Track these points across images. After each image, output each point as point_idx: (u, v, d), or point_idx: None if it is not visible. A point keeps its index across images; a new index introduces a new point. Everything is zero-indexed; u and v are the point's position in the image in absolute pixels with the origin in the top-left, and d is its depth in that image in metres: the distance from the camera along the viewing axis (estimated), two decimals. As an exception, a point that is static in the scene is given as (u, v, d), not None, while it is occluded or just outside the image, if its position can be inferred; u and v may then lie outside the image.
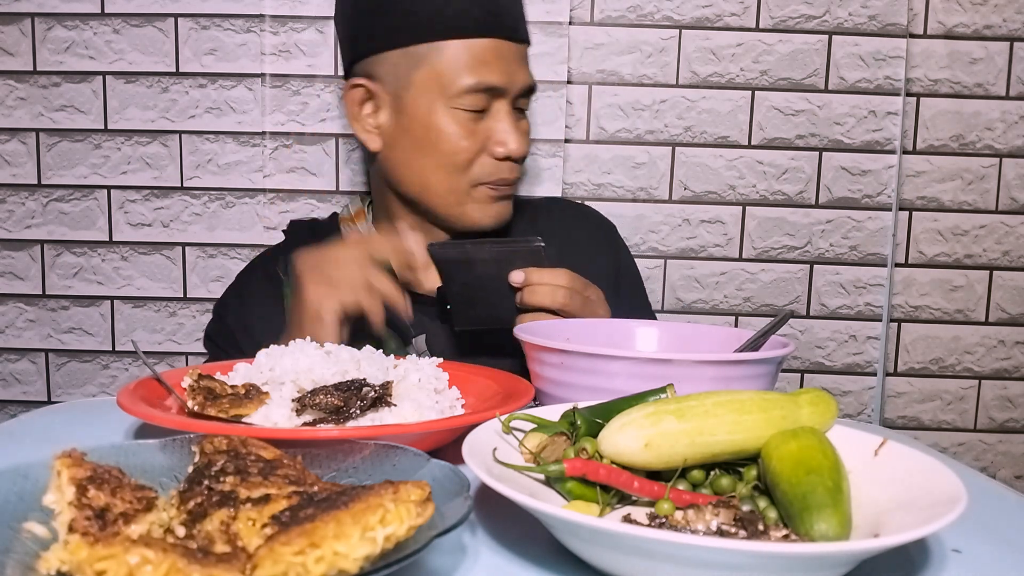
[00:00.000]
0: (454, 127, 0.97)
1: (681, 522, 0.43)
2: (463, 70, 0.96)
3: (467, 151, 0.98)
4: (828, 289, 1.43)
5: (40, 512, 0.40)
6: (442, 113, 0.98)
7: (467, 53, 0.96)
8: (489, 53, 0.96)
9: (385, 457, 0.48)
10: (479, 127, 0.98)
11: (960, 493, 0.41)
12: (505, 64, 0.97)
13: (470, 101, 0.97)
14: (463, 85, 0.96)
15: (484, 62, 0.96)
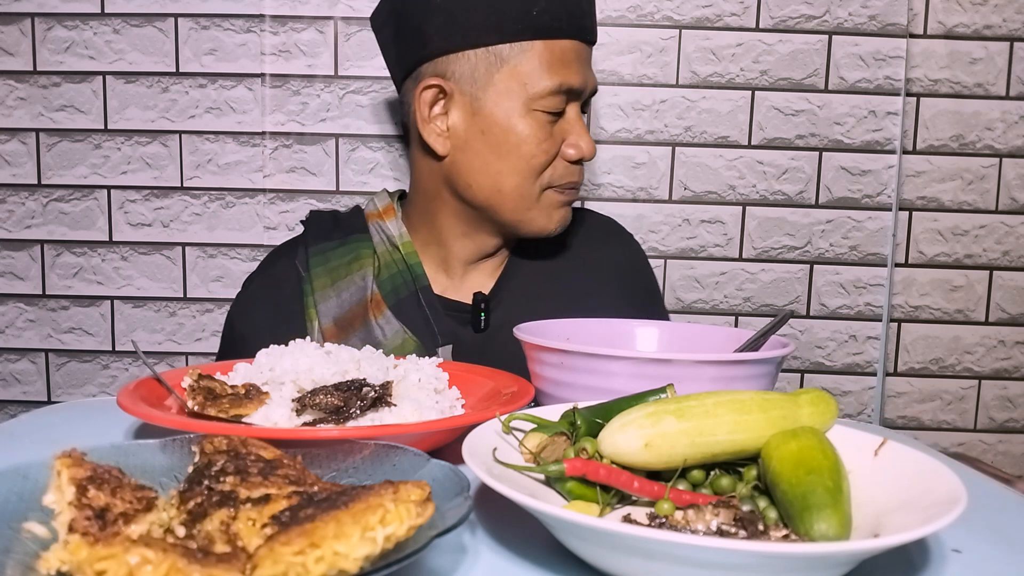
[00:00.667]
0: (534, 129, 0.95)
1: (681, 522, 0.43)
2: (546, 71, 0.94)
3: (545, 154, 0.96)
4: (828, 289, 1.43)
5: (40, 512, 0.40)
6: (523, 115, 0.95)
7: (550, 54, 0.94)
8: (570, 54, 0.95)
9: (385, 457, 0.48)
10: (555, 129, 0.97)
11: (960, 493, 0.41)
12: (583, 66, 0.97)
13: (551, 103, 0.95)
14: (546, 87, 0.94)
15: (565, 63, 0.95)
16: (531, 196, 0.98)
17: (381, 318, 0.98)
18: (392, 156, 1.39)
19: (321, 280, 1.01)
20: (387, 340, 0.97)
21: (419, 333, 0.98)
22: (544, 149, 0.96)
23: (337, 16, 1.36)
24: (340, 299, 1.00)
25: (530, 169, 0.96)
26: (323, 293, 1.00)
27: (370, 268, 1.02)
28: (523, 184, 0.97)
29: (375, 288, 1.00)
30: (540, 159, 0.96)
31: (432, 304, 0.99)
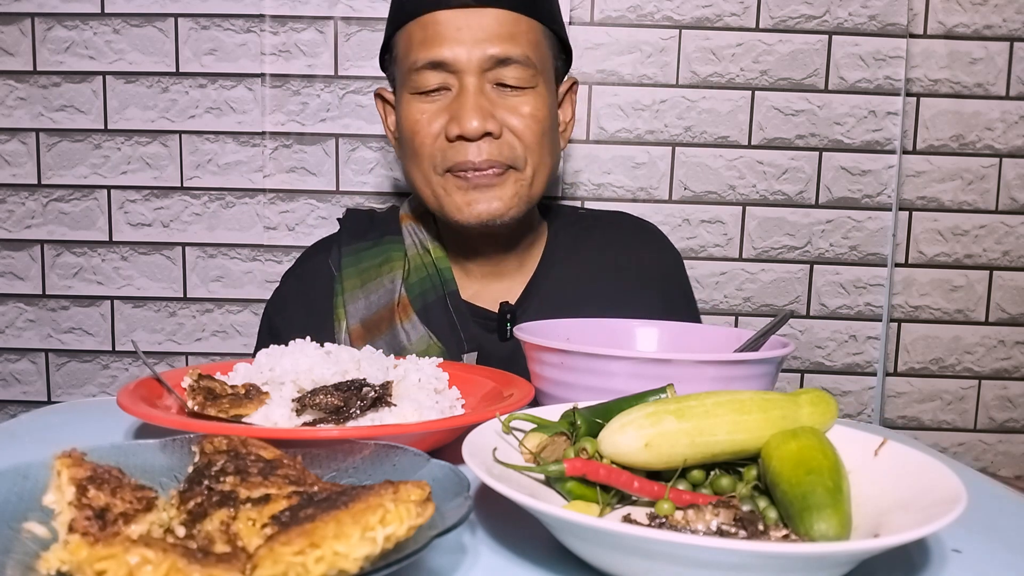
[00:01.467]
0: (414, 113, 0.92)
1: (681, 522, 0.43)
2: (411, 51, 0.92)
3: (426, 136, 0.92)
4: (828, 289, 1.43)
5: (40, 512, 0.40)
6: (408, 102, 0.93)
7: (413, 33, 0.92)
8: (435, 27, 0.90)
9: (385, 457, 0.48)
10: (440, 108, 0.92)
11: (960, 493, 0.41)
12: (453, 35, 0.90)
13: (422, 81, 0.91)
14: (409, 65, 0.92)
15: (429, 38, 0.90)
16: (436, 184, 0.94)
17: (407, 322, 0.96)
18: (392, 156, 1.39)
19: (351, 281, 1.00)
20: (412, 345, 0.95)
21: (444, 339, 0.96)
22: (424, 130, 0.92)
23: (337, 16, 1.36)
24: (368, 300, 0.99)
25: (416, 154, 0.94)
26: (352, 294, 0.99)
27: (400, 271, 1.00)
28: (422, 172, 0.94)
29: (403, 291, 0.99)
30: (420, 140, 0.92)
31: (459, 310, 0.97)
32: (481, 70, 0.90)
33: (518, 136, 0.92)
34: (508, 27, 0.91)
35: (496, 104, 0.92)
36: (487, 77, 0.91)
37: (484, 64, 0.90)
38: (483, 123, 0.89)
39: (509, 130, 0.92)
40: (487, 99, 0.91)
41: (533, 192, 0.96)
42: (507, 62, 0.91)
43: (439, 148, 0.92)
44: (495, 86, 0.92)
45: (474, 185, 0.92)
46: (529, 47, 0.92)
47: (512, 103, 0.92)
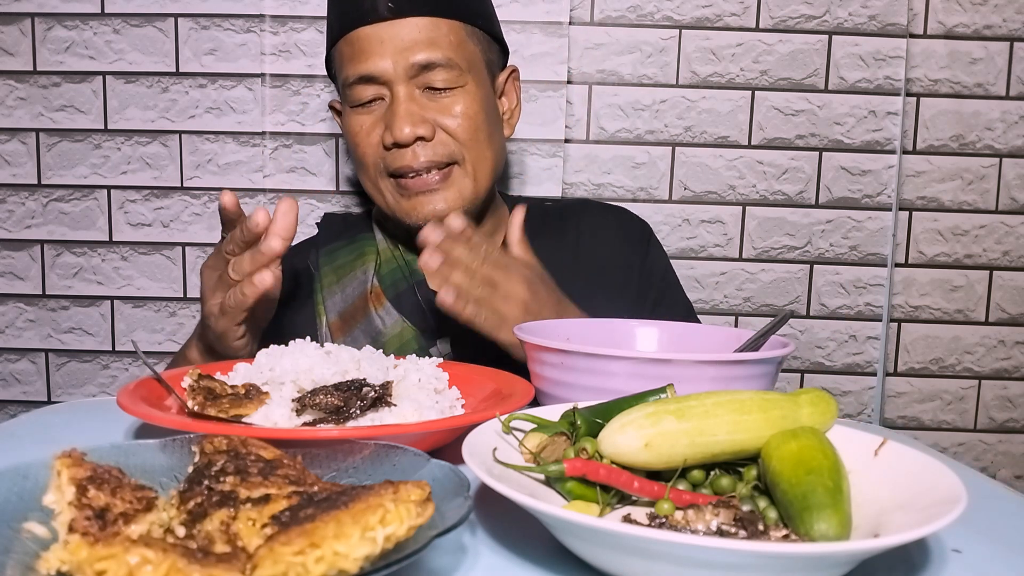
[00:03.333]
0: (354, 125, 0.97)
1: (681, 522, 0.43)
2: (342, 67, 0.97)
3: (367, 146, 0.97)
4: (828, 289, 1.43)
5: (40, 512, 0.40)
6: (347, 114, 0.99)
7: (343, 50, 0.97)
8: (359, 43, 0.95)
9: (385, 457, 0.48)
10: (376, 118, 0.97)
11: (960, 493, 0.41)
12: (375, 49, 0.94)
13: (356, 95, 0.96)
14: (343, 81, 0.97)
15: (354, 54, 0.95)
16: (380, 189, 0.99)
17: (381, 309, 1.01)
18: (392, 156, 1.39)
19: (329, 278, 1.04)
20: (387, 329, 0.99)
21: (418, 324, 1.00)
22: (364, 141, 0.97)
23: (337, 16, 1.36)
24: (344, 294, 1.03)
25: (361, 164, 0.99)
26: (330, 290, 1.04)
27: (372, 263, 1.05)
28: (371, 180, 0.99)
29: (375, 281, 1.03)
30: (360, 151, 0.98)
31: (428, 299, 1.00)
32: (408, 77, 0.94)
33: (452, 135, 0.96)
34: (427, 33, 0.94)
35: (427, 107, 0.95)
36: (415, 83, 0.95)
37: (410, 72, 0.94)
38: (413, 129, 0.93)
39: (443, 130, 0.96)
40: (418, 104, 0.95)
41: (479, 186, 0.99)
42: (431, 67, 0.94)
43: (380, 156, 0.97)
44: (425, 90, 0.96)
45: (415, 192, 0.97)
46: (451, 49, 0.95)
47: (443, 104, 0.96)
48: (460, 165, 0.98)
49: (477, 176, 0.99)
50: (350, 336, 1.01)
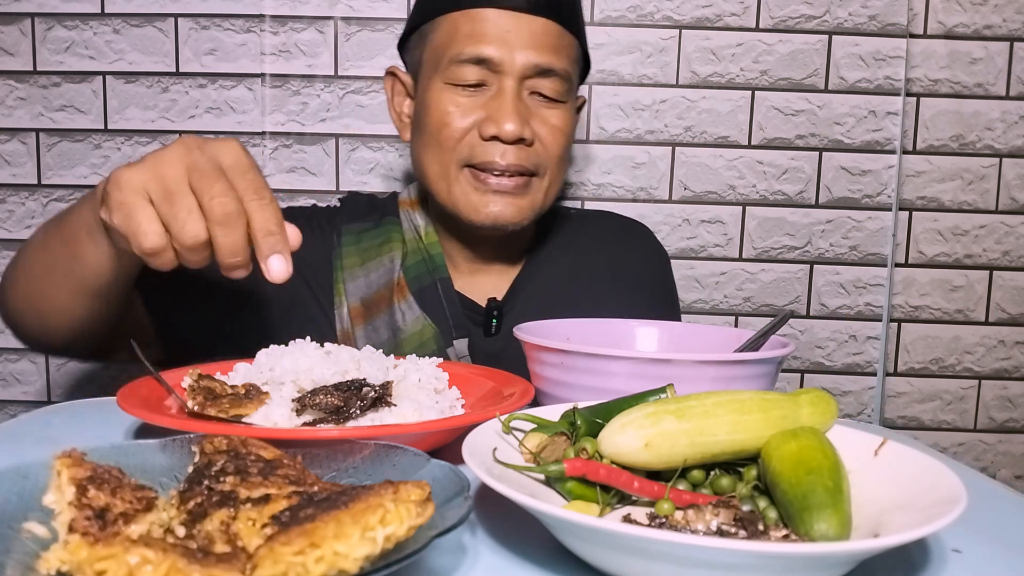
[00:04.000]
0: (444, 103, 0.92)
1: (681, 522, 0.43)
2: (455, 42, 0.91)
3: (455, 128, 0.92)
4: (828, 289, 1.43)
5: (40, 512, 0.40)
6: (439, 90, 0.93)
7: (459, 24, 0.91)
8: (485, 24, 0.90)
9: (385, 457, 0.48)
10: (477, 104, 0.92)
11: (960, 493, 0.41)
12: (502, 36, 0.90)
13: (460, 73, 0.91)
14: (450, 55, 0.91)
15: (473, 33, 0.90)
16: (450, 176, 0.94)
17: (403, 303, 0.98)
18: (392, 156, 1.39)
19: (351, 259, 1.00)
20: (407, 325, 0.97)
21: (438, 322, 0.97)
22: (454, 123, 0.91)
23: (337, 16, 1.36)
24: (368, 279, 1.00)
25: (439, 144, 0.93)
26: (352, 272, 1.00)
27: (399, 252, 1.02)
28: (439, 159, 0.93)
29: (401, 273, 1.00)
30: (448, 131, 0.92)
31: (450, 298, 0.99)
32: (523, 76, 0.91)
33: (544, 146, 0.94)
34: (554, 39, 0.92)
35: (530, 112, 0.93)
36: (525, 84, 0.92)
37: (527, 71, 0.91)
38: (520, 128, 0.90)
39: (538, 139, 0.94)
40: (523, 105, 0.92)
41: (545, 202, 0.98)
42: (548, 73, 0.92)
43: (467, 143, 0.92)
44: (531, 94, 0.93)
45: (491, 190, 0.93)
46: (568, 62, 0.94)
47: (544, 114, 0.94)
48: (539, 178, 0.96)
49: (547, 192, 0.97)
50: (371, 325, 0.98)
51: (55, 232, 0.76)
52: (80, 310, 0.77)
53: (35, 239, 0.81)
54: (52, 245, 0.76)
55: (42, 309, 0.79)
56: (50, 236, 0.77)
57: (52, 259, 0.76)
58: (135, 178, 0.58)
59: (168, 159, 0.58)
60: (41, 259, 0.78)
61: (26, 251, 0.81)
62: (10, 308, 0.85)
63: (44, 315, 0.80)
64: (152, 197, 0.58)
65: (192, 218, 0.57)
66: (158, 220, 0.58)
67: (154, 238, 0.58)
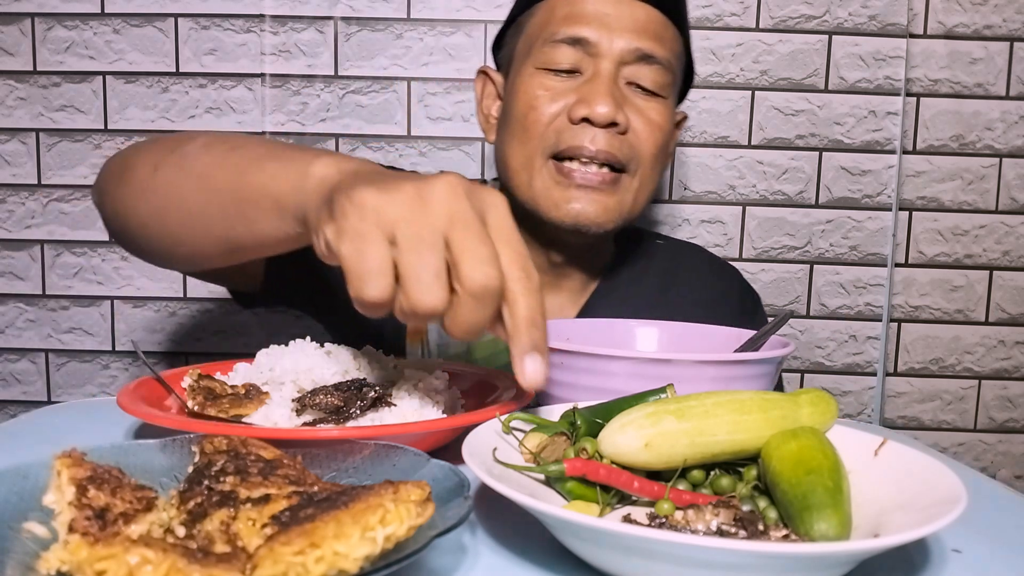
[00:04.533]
0: (533, 87, 0.86)
1: (681, 522, 0.43)
2: (549, 23, 0.86)
3: (543, 112, 0.85)
4: (828, 289, 1.43)
5: (40, 512, 0.40)
6: (529, 75, 0.87)
7: (556, 7, 0.87)
8: (581, 5, 0.85)
9: (385, 457, 0.48)
10: (566, 88, 0.86)
11: (960, 493, 0.41)
12: (601, 18, 0.85)
13: (554, 56, 0.85)
14: (544, 36, 0.86)
15: (571, 15, 0.85)
16: (533, 167, 0.87)
17: None
18: (392, 156, 1.39)
19: None
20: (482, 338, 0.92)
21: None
22: (542, 106, 0.85)
23: (337, 16, 1.36)
24: None
25: (524, 130, 0.86)
26: None
27: None
28: (523, 148, 0.87)
29: None
30: (533, 116, 0.85)
31: None
32: (621, 61, 0.85)
33: (639, 138, 0.87)
34: (657, 27, 0.87)
35: (626, 100, 0.86)
36: (623, 72, 0.86)
37: (626, 56, 0.85)
38: (614, 111, 0.83)
39: (632, 130, 0.86)
40: (619, 90, 0.86)
41: (634, 207, 0.90)
42: (650, 60, 0.86)
43: (554, 129, 0.86)
44: (627, 84, 0.87)
45: (575, 184, 0.85)
46: (672, 55, 0.88)
47: (641, 105, 0.87)
48: (630, 176, 0.88)
49: (637, 195, 0.89)
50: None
51: (228, 179, 0.61)
52: (218, 258, 0.68)
53: (191, 164, 0.65)
54: (219, 190, 0.62)
55: (172, 239, 0.69)
56: (218, 179, 0.62)
57: (213, 205, 0.63)
58: (385, 209, 0.45)
59: (431, 199, 0.45)
60: (194, 197, 0.64)
61: (173, 171, 0.66)
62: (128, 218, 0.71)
63: (169, 244, 0.70)
64: (397, 240, 0.44)
65: (437, 285, 0.44)
66: (392, 271, 0.45)
67: (382, 292, 0.45)
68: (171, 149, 0.68)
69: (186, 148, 0.67)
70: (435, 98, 1.37)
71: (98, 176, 0.78)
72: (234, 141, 0.65)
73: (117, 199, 0.73)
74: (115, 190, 0.73)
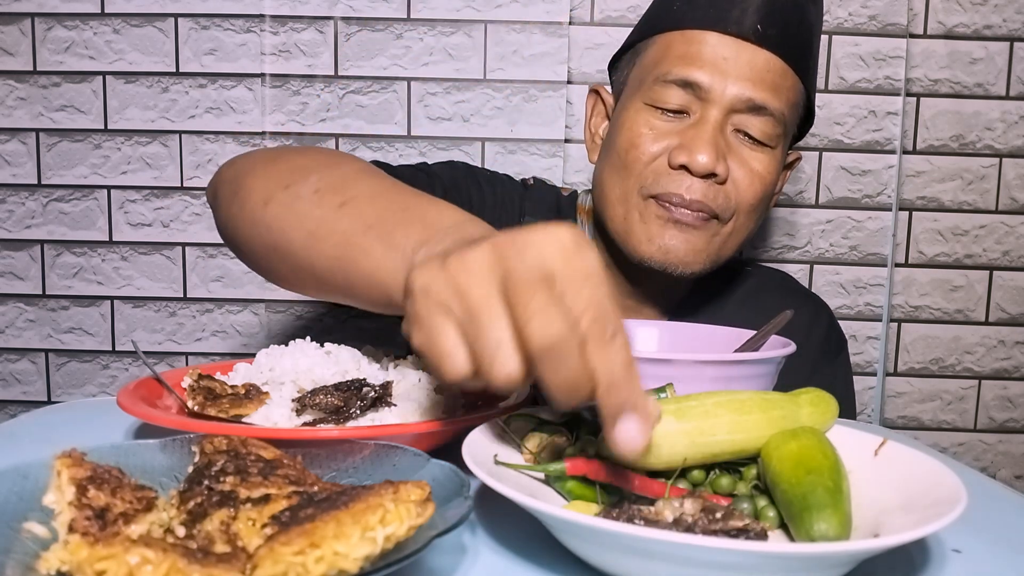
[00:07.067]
0: (637, 123, 0.85)
1: (652, 515, 0.42)
2: (663, 60, 0.85)
3: (644, 152, 0.84)
4: (828, 289, 1.43)
5: (40, 512, 0.40)
6: (636, 110, 0.86)
7: (674, 44, 0.85)
8: (699, 46, 0.83)
9: (385, 457, 0.48)
10: (671, 129, 0.85)
11: (960, 493, 0.41)
12: (717, 62, 0.82)
13: (663, 95, 0.84)
14: (656, 74, 0.84)
15: (687, 55, 0.83)
16: (632, 203, 0.86)
17: None
18: (392, 156, 1.39)
19: None
20: None
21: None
22: (644, 145, 0.84)
23: (337, 16, 1.36)
24: None
25: (625, 166, 0.85)
26: None
27: None
28: (621, 183, 0.86)
29: None
30: (634, 154, 0.84)
31: None
32: (731, 109, 0.83)
33: (738, 189, 0.85)
34: (775, 76, 0.84)
35: (730, 149, 0.84)
36: (732, 120, 0.84)
37: (737, 104, 0.83)
38: (714, 162, 0.82)
39: (732, 180, 0.85)
40: (724, 140, 0.84)
41: (722, 252, 0.89)
42: (761, 111, 0.84)
43: (652, 171, 0.85)
44: (735, 131, 0.85)
45: (675, 219, 0.84)
46: (787, 105, 0.86)
47: (746, 155, 0.85)
48: (720, 222, 0.86)
49: (728, 242, 0.88)
50: None
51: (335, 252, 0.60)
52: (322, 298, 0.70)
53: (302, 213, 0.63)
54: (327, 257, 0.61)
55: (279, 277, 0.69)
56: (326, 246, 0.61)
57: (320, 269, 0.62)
58: (435, 290, 0.42)
59: (473, 268, 0.41)
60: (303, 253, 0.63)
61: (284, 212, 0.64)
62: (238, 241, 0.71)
63: (276, 278, 0.70)
64: (457, 315, 0.42)
65: (502, 352, 0.40)
66: (463, 346, 0.42)
67: (460, 369, 0.42)
68: (284, 183, 0.66)
69: (299, 189, 0.64)
70: (435, 98, 1.37)
71: (212, 180, 0.77)
72: (346, 189, 0.62)
73: (229, 218, 0.72)
74: (226, 208, 0.72)
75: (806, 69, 0.87)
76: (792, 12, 0.84)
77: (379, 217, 0.58)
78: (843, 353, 1.04)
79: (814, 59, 0.90)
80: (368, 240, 0.57)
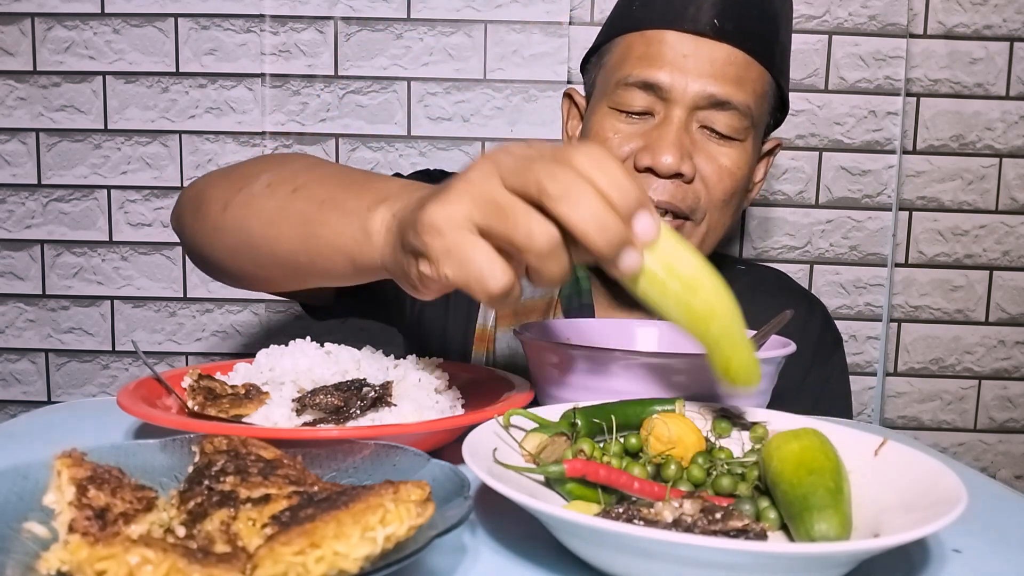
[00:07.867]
0: (606, 128, 0.85)
1: (652, 515, 0.42)
2: (624, 63, 0.84)
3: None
4: (828, 289, 1.43)
5: (40, 512, 0.40)
6: (601, 114, 0.87)
7: (634, 46, 0.84)
8: (658, 46, 0.82)
9: (385, 457, 0.48)
10: (635, 132, 0.84)
11: (960, 493, 0.41)
12: (677, 61, 0.82)
13: (627, 99, 0.84)
14: (618, 78, 0.84)
15: (647, 56, 0.83)
16: None
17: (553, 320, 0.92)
18: (392, 156, 1.39)
19: None
20: None
21: None
22: (609, 149, 0.82)
23: (337, 16, 1.36)
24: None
25: None
26: None
27: None
28: None
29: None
30: None
31: None
32: (694, 106, 0.83)
33: (707, 188, 0.85)
34: (737, 69, 0.83)
35: (696, 147, 0.84)
36: (696, 116, 0.84)
37: (699, 101, 0.83)
38: (678, 162, 0.81)
39: (700, 178, 0.85)
40: (689, 138, 0.84)
41: (703, 251, 0.87)
42: (724, 106, 0.83)
43: None
44: (700, 128, 0.85)
45: None
46: (752, 97, 0.85)
47: (713, 151, 0.85)
48: (694, 223, 0.86)
49: (704, 241, 0.88)
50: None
51: (294, 233, 0.62)
52: (296, 288, 0.72)
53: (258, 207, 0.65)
54: (288, 239, 0.63)
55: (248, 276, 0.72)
56: (284, 230, 0.63)
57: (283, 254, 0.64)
58: (453, 213, 0.45)
59: (476, 177, 0.46)
60: (264, 244, 0.65)
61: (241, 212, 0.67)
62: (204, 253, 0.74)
63: (247, 281, 0.73)
64: (480, 226, 0.45)
65: (534, 217, 0.44)
66: (497, 254, 0.45)
67: (501, 277, 0.45)
68: (239, 187, 0.69)
69: (253, 188, 0.67)
70: (435, 98, 1.37)
71: (175, 206, 0.81)
72: (296, 179, 0.65)
73: (193, 233, 0.75)
74: (191, 224, 0.75)
75: (771, 57, 0.86)
76: (751, 3, 0.84)
77: (330, 194, 0.60)
78: (839, 351, 1.04)
79: (781, 46, 0.89)
80: (324, 214, 0.60)
